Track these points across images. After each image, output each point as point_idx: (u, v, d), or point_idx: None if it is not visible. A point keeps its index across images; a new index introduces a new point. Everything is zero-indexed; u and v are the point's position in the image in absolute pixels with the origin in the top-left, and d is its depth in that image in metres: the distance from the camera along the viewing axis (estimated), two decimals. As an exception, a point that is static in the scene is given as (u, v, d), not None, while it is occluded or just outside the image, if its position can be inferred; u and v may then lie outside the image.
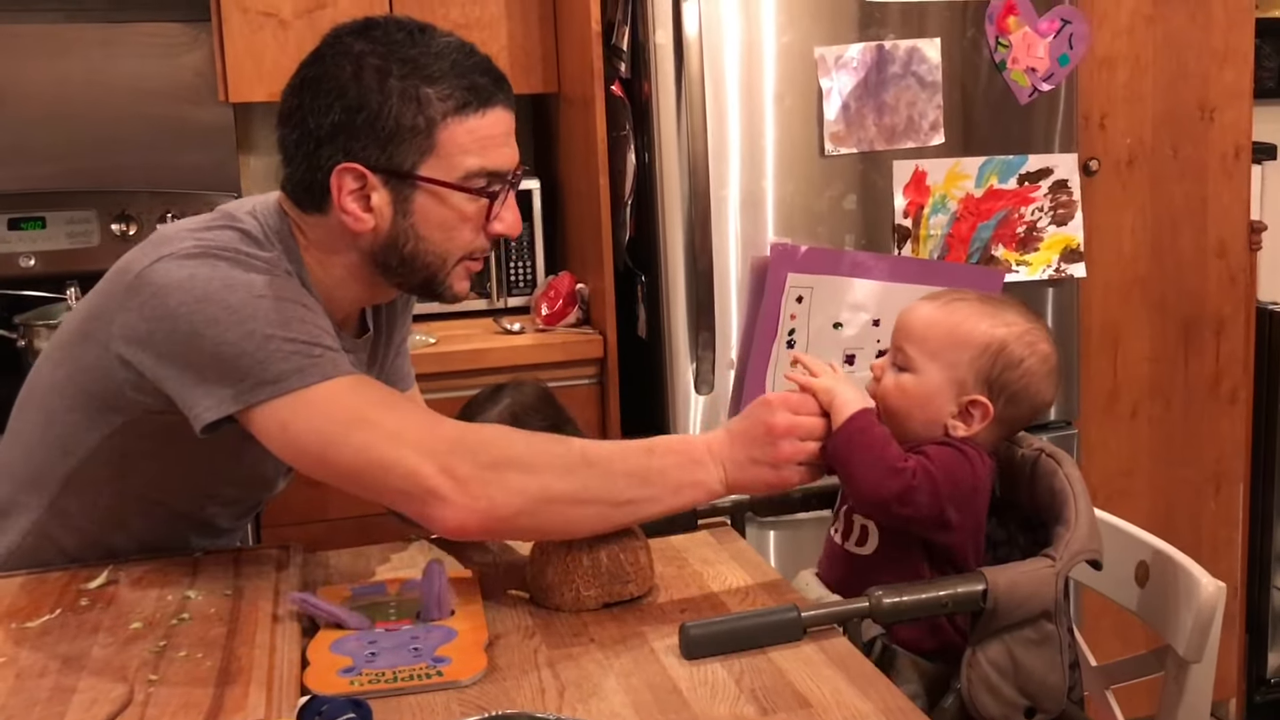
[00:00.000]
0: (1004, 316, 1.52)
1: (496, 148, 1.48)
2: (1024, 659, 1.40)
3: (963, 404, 1.50)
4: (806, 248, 2.53)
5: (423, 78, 1.43)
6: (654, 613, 1.44)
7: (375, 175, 1.44)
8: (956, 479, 1.44)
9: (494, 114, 1.47)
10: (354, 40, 1.45)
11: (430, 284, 1.53)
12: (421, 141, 1.43)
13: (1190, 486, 2.99)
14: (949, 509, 1.44)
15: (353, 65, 1.43)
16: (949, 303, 1.53)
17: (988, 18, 2.60)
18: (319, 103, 1.44)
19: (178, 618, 1.38)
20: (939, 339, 1.51)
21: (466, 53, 1.47)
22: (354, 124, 1.42)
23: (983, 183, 2.63)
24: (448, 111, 1.43)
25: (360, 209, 1.46)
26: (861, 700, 1.22)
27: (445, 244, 1.49)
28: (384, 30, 1.46)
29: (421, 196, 1.46)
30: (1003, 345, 1.50)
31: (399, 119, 1.42)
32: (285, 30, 2.71)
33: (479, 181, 1.47)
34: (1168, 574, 1.55)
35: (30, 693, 1.21)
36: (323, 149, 1.44)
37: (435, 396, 2.58)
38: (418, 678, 1.27)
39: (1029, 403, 1.52)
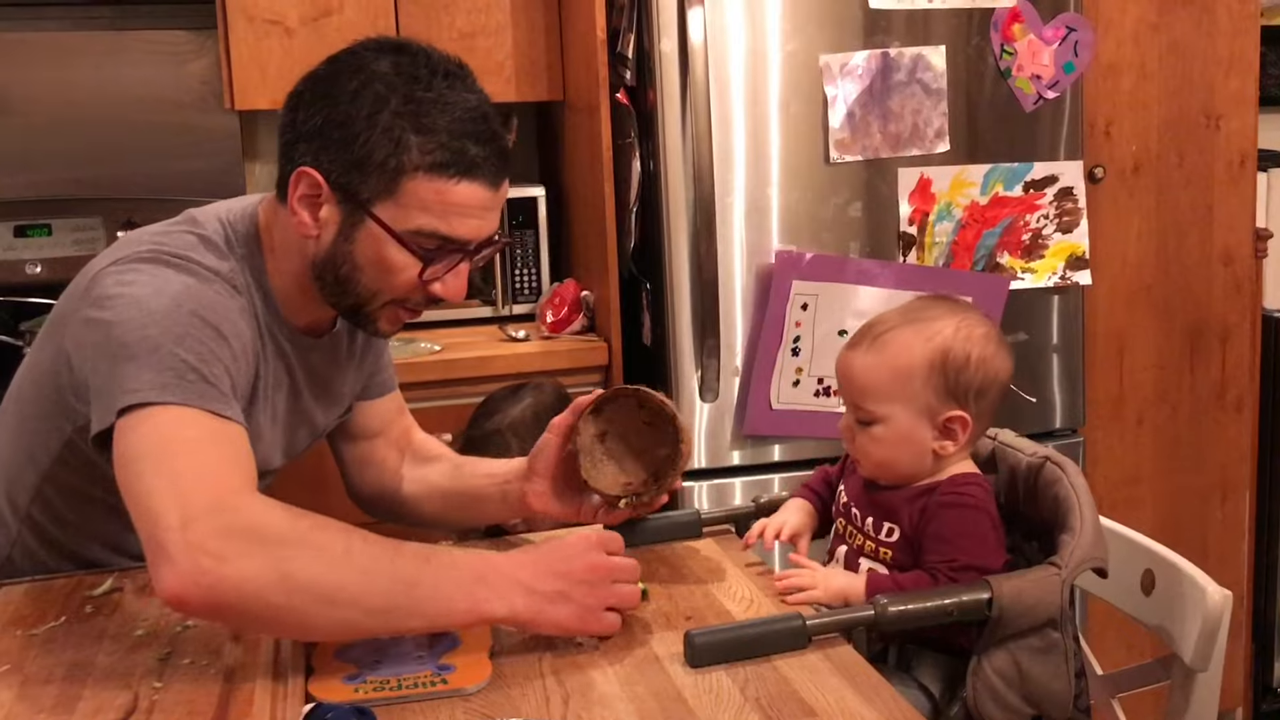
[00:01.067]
0: (931, 326, 1.50)
1: (460, 217, 1.44)
2: (1030, 667, 1.39)
3: (939, 425, 1.49)
4: (811, 255, 2.53)
5: (415, 124, 1.40)
6: (659, 620, 1.44)
7: (331, 190, 1.43)
8: (979, 536, 1.46)
9: (470, 186, 1.43)
10: (378, 57, 1.43)
11: (356, 314, 1.51)
12: (385, 181, 1.41)
13: (1196, 495, 2.98)
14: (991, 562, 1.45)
15: (359, 82, 1.41)
16: (875, 340, 1.51)
17: (993, 25, 2.60)
18: (314, 100, 1.43)
19: (182, 625, 1.38)
20: (885, 382, 1.50)
21: (476, 117, 1.44)
22: (330, 135, 1.41)
23: (988, 190, 2.63)
24: (421, 165, 1.40)
25: (308, 215, 1.45)
26: (867, 709, 1.22)
27: (378, 283, 1.47)
28: (412, 60, 1.43)
29: (366, 230, 1.43)
30: (945, 353, 1.49)
31: (372, 151, 1.40)
32: (291, 38, 2.72)
33: (427, 242, 1.43)
34: (1173, 582, 1.55)
35: (35, 699, 1.22)
36: (299, 144, 1.44)
37: (440, 404, 2.59)
38: (422, 685, 1.27)
39: (995, 385, 1.52)
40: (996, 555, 1.47)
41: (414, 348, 2.70)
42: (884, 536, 1.52)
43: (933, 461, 1.51)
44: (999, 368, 1.51)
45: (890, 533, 1.51)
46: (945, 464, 1.51)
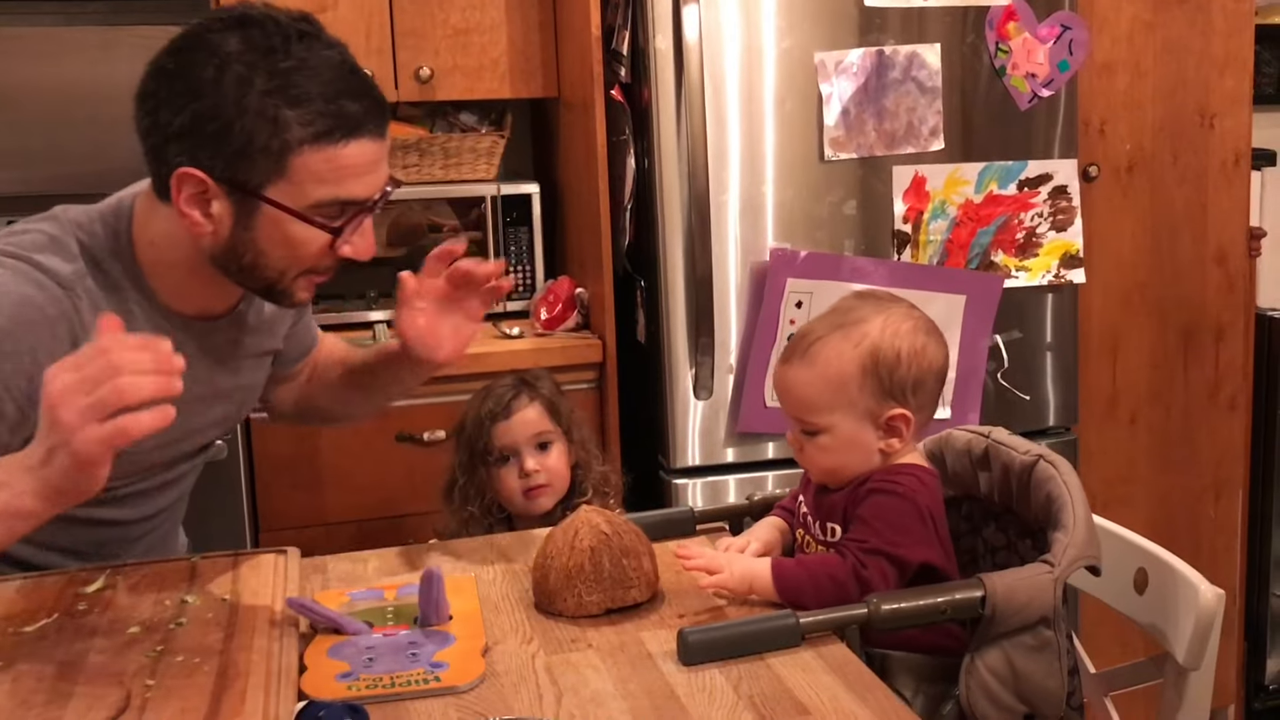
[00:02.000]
0: (858, 329, 1.50)
1: (355, 178, 1.41)
2: (1023, 665, 1.40)
3: (882, 425, 1.50)
4: (806, 253, 2.53)
5: (287, 97, 1.35)
6: (652, 618, 1.44)
7: (217, 185, 1.38)
8: (899, 525, 1.46)
9: (359, 144, 1.39)
10: (225, 37, 1.37)
11: (269, 292, 1.50)
12: (272, 164, 1.37)
13: (1189, 493, 2.98)
14: (906, 553, 1.44)
15: (215, 67, 1.35)
16: (805, 352, 1.52)
17: (988, 23, 2.60)
18: (174, 99, 1.37)
19: (175, 622, 1.37)
20: (820, 393, 1.50)
21: (344, 72, 1.40)
22: (203, 131, 1.36)
23: (982, 188, 2.63)
24: (305, 139, 1.36)
25: (199, 214, 1.40)
26: (860, 706, 1.22)
27: (286, 260, 1.45)
28: (260, 30, 1.37)
29: (264, 215, 1.40)
30: (874, 355, 1.49)
31: (251, 136, 1.35)
32: (285, 34, 2.71)
33: (329, 210, 1.41)
34: (1166, 581, 1.55)
35: (26, 697, 1.21)
36: (170, 146, 1.38)
37: (433, 401, 2.59)
38: (415, 683, 1.27)
39: (931, 375, 1.52)
40: (919, 547, 1.46)
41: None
42: (829, 537, 1.52)
43: (881, 460, 1.52)
44: (932, 357, 1.52)
45: (833, 533, 1.52)
46: (894, 459, 1.52)
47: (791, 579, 1.44)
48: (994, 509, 1.63)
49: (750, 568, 1.46)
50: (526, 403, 2.16)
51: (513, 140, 3.02)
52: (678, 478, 2.58)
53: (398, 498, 2.53)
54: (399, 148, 2.89)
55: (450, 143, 2.93)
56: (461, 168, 2.95)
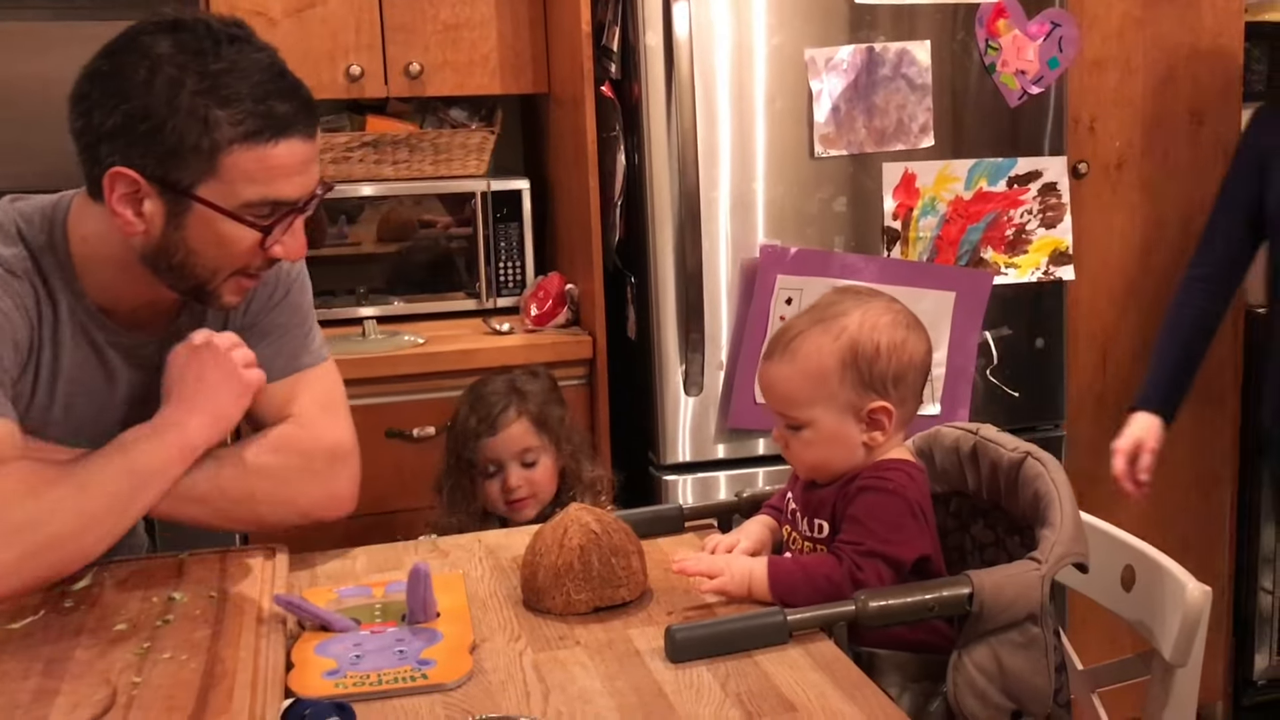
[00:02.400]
0: (837, 323, 1.51)
1: (285, 178, 1.43)
2: (1010, 662, 1.40)
3: (864, 418, 1.51)
4: (796, 250, 2.53)
5: (217, 97, 1.38)
6: (640, 616, 1.44)
7: (149, 184, 1.40)
8: (892, 523, 1.46)
9: (289, 144, 1.42)
10: (157, 40, 1.39)
11: (198, 292, 1.50)
12: (203, 163, 1.39)
13: (1178, 489, 2.99)
14: (901, 551, 1.45)
15: (147, 69, 1.38)
16: (786, 347, 1.53)
17: (978, 20, 2.60)
18: (106, 100, 1.39)
19: (162, 619, 1.37)
20: (801, 387, 1.51)
21: (274, 74, 1.42)
22: (135, 131, 1.38)
23: (972, 185, 2.63)
24: (235, 138, 1.38)
25: (131, 213, 1.42)
26: (847, 704, 1.22)
27: (217, 260, 1.46)
28: (192, 34, 1.40)
29: (195, 214, 1.42)
30: (853, 348, 1.50)
31: (183, 136, 1.37)
32: (274, 29, 2.71)
33: (259, 210, 1.43)
34: (1154, 578, 1.55)
35: (12, 695, 1.21)
36: (102, 146, 1.40)
37: (422, 397, 2.59)
38: (403, 680, 1.27)
39: (912, 368, 1.52)
40: (912, 544, 1.47)
41: (396, 340, 2.69)
42: (816, 533, 1.53)
43: (865, 454, 1.52)
44: (912, 350, 1.52)
45: (820, 529, 1.52)
46: (879, 453, 1.53)
47: (786, 579, 1.44)
48: (982, 506, 1.63)
49: (748, 566, 1.46)
50: (513, 418, 2.16)
51: (503, 136, 3.01)
52: (668, 474, 2.58)
53: (387, 494, 2.52)
54: (389, 143, 2.89)
55: (440, 138, 2.92)
56: (452, 164, 2.94)
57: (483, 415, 2.17)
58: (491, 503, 2.18)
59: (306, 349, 1.68)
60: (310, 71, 2.73)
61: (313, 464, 1.60)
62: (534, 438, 2.17)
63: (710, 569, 1.46)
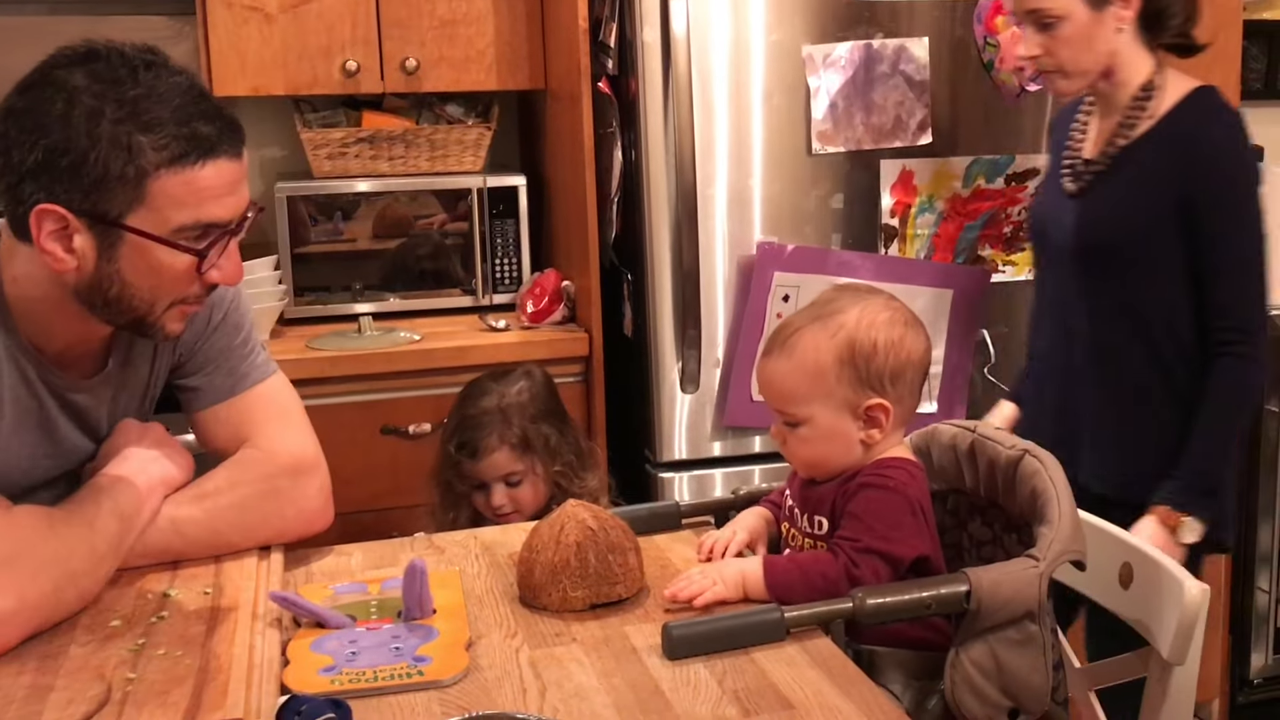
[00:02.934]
0: (835, 320, 1.51)
1: (215, 199, 1.40)
2: (1007, 660, 1.40)
3: (862, 415, 1.50)
4: (793, 247, 2.53)
5: (139, 124, 1.35)
6: (637, 613, 1.43)
7: (78, 219, 1.36)
8: (891, 520, 1.46)
9: (215, 165, 1.39)
10: (71, 73, 1.36)
11: (139, 326, 1.47)
12: (130, 191, 1.36)
13: (1175, 487, 2.98)
14: (899, 549, 1.44)
15: (64, 102, 1.35)
16: (784, 344, 1.52)
17: (976, 17, 2.60)
18: (24, 137, 1.35)
19: (157, 616, 1.37)
20: (799, 384, 1.51)
21: (194, 97, 1.39)
22: (57, 166, 1.34)
23: (970, 183, 2.63)
24: (161, 163, 1.36)
25: (61, 250, 1.38)
26: (843, 701, 1.22)
27: (154, 291, 1.43)
28: (106, 64, 1.37)
29: (128, 244, 1.38)
30: (850, 346, 1.49)
31: (107, 166, 1.34)
32: (270, 24, 2.70)
33: (191, 234, 1.40)
34: (1151, 576, 1.55)
35: (7, 691, 1.20)
36: (24, 185, 1.36)
37: (418, 394, 2.59)
38: (398, 677, 1.26)
39: (910, 366, 1.52)
40: (910, 542, 1.46)
41: (393, 337, 2.69)
42: (815, 530, 1.52)
43: (863, 451, 1.52)
44: (910, 348, 1.52)
45: (819, 525, 1.52)
46: (880, 450, 1.52)
47: (783, 576, 1.44)
48: (980, 503, 1.63)
49: (740, 569, 1.45)
50: (495, 445, 2.13)
51: (499, 132, 3.01)
52: (664, 471, 2.57)
53: (382, 491, 2.52)
54: (385, 139, 2.88)
55: (437, 134, 2.92)
56: (448, 160, 2.94)
57: (465, 440, 2.14)
58: (480, 512, 2.18)
59: (252, 365, 1.66)
60: (306, 66, 2.75)
61: (276, 485, 1.58)
62: (517, 462, 2.14)
63: (700, 587, 1.43)
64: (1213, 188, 1.93)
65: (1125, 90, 2.00)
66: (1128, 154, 1.99)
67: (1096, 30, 1.95)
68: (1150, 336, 1.99)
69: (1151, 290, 1.98)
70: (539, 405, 2.18)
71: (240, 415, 1.63)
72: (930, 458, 1.66)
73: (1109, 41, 1.96)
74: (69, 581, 1.34)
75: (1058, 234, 2.08)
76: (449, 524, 2.13)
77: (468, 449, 2.14)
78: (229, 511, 1.54)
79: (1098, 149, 2.04)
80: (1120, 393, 2.02)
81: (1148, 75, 1.99)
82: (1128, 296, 2.00)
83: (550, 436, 2.15)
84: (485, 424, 2.13)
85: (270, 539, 1.58)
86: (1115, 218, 1.99)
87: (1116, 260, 2.00)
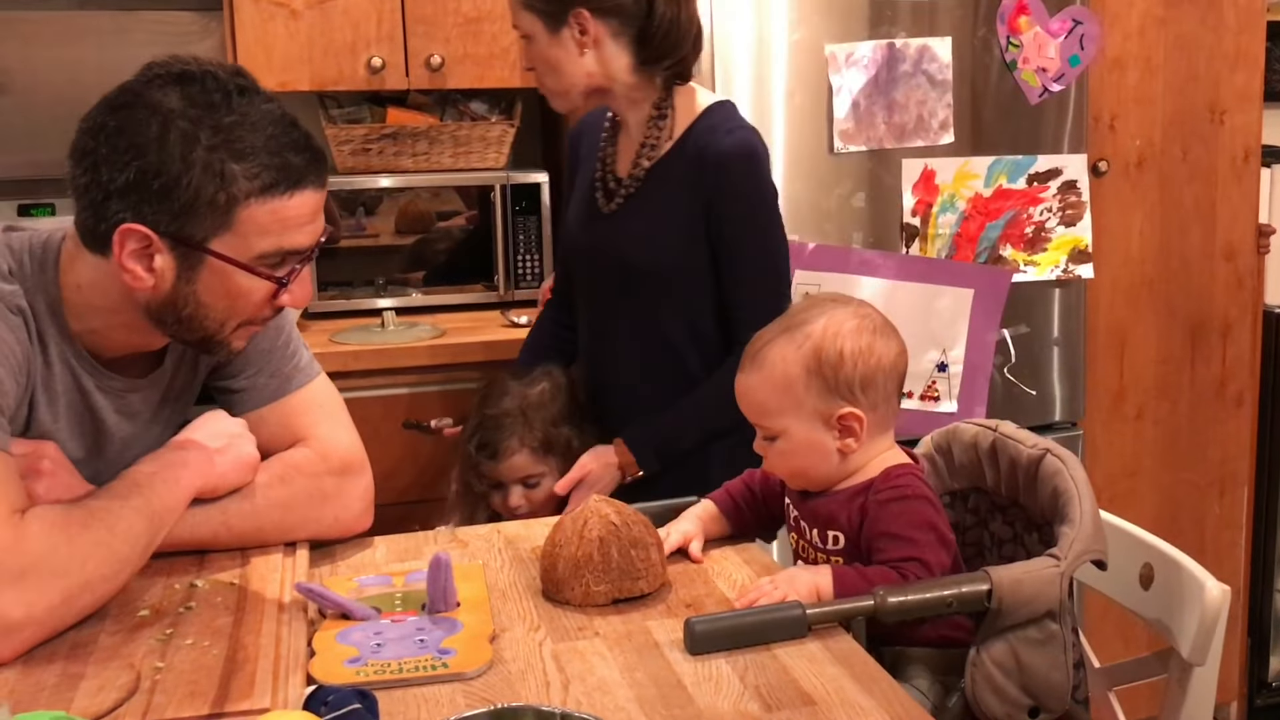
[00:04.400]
0: (802, 330, 1.51)
1: (298, 228, 1.42)
2: (1028, 659, 1.40)
3: (835, 425, 1.50)
4: (814, 245, 2.53)
5: (232, 151, 1.36)
6: (659, 608, 1.44)
7: (161, 240, 1.38)
8: (925, 523, 1.46)
9: (302, 196, 1.41)
10: (166, 94, 1.37)
11: (206, 344, 1.48)
12: (219, 217, 1.37)
13: (1195, 489, 2.99)
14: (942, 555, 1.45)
15: (159, 125, 1.35)
16: (754, 357, 1.53)
17: (999, 17, 2.60)
18: (116, 156, 1.36)
19: (185, 606, 1.38)
20: (769, 397, 1.51)
21: (285, 126, 1.41)
22: (149, 187, 1.35)
23: (991, 182, 2.63)
24: (252, 192, 1.37)
25: (142, 269, 1.39)
26: (865, 698, 1.22)
27: (227, 312, 1.44)
28: (201, 87, 1.38)
29: (208, 267, 1.40)
30: (816, 356, 1.49)
31: (198, 191, 1.36)
32: (296, 20, 2.72)
33: (272, 260, 1.42)
34: (1172, 577, 1.55)
35: (38, 678, 1.22)
36: (111, 202, 1.37)
37: (440, 389, 2.60)
38: (423, 669, 1.27)
39: (881, 373, 1.51)
40: (944, 543, 1.47)
41: (415, 332, 2.70)
42: (830, 545, 1.52)
43: (841, 460, 1.51)
44: (880, 354, 1.51)
45: (835, 540, 1.52)
46: (863, 459, 1.52)
47: (852, 589, 1.42)
48: (1001, 502, 1.64)
49: (813, 579, 1.44)
50: (516, 447, 2.11)
51: (523, 129, 3.02)
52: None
53: (405, 485, 2.53)
54: (409, 135, 2.89)
55: (460, 131, 2.93)
56: (471, 156, 2.95)
57: (484, 441, 2.14)
58: (497, 511, 2.18)
59: (296, 367, 1.67)
60: (332, 63, 2.76)
61: (323, 487, 1.60)
62: (536, 465, 2.13)
63: (772, 599, 1.41)
64: (732, 198, 2.01)
65: (638, 111, 2.07)
66: (653, 173, 2.05)
67: (558, 53, 2.01)
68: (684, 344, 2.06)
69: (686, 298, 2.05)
70: (560, 406, 2.17)
71: (287, 418, 1.64)
72: (951, 456, 1.66)
73: (576, 64, 2.02)
74: (83, 589, 1.32)
75: (591, 250, 2.14)
76: (467, 522, 2.14)
77: (488, 450, 2.13)
78: (275, 510, 1.56)
79: (626, 169, 2.10)
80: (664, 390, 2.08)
81: (655, 98, 2.06)
82: (664, 308, 2.06)
83: (571, 438, 2.14)
84: (505, 425, 2.12)
85: (305, 540, 1.59)
86: (649, 235, 2.05)
87: (653, 275, 2.05)
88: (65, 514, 1.35)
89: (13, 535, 1.29)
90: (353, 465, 1.64)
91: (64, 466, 1.46)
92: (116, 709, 1.16)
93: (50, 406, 1.48)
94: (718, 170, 2.00)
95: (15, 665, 1.25)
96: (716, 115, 2.06)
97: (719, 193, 2.00)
